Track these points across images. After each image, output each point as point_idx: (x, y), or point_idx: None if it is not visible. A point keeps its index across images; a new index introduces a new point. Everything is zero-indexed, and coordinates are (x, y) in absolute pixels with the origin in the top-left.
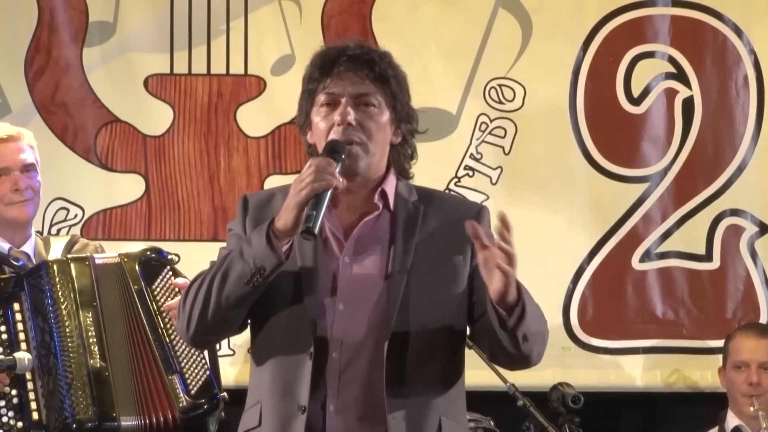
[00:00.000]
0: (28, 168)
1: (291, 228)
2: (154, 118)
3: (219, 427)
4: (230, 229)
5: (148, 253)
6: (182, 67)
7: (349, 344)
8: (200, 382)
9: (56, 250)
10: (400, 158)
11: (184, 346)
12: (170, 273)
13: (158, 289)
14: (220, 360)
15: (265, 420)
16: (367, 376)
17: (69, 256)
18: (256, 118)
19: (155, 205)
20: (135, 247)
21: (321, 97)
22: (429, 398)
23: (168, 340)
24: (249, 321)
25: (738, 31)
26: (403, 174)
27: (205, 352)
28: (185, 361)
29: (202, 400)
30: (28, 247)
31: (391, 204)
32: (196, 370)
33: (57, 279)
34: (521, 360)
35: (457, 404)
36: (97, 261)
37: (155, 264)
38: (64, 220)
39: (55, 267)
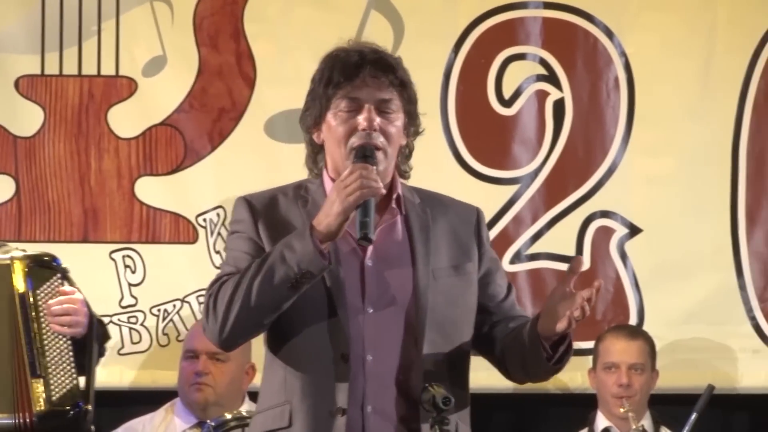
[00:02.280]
0: None
1: (335, 233)
2: (25, 119)
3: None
4: (235, 231)
5: (41, 258)
6: (53, 68)
7: (383, 347)
8: (64, 390)
9: None
10: (402, 159)
11: (54, 353)
12: (59, 281)
13: (42, 295)
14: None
15: (297, 421)
16: (402, 377)
17: None
18: (127, 120)
19: (25, 206)
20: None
21: (343, 102)
22: (453, 401)
23: (39, 345)
24: None
25: (609, 33)
26: (401, 173)
27: (73, 363)
28: (53, 368)
29: (63, 408)
30: None
31: (402, 207)
32: (62, 378)
33: None
34: (538, 380)
35: (466, 408)
36: None
37: (44, 270)
38: None
39: None
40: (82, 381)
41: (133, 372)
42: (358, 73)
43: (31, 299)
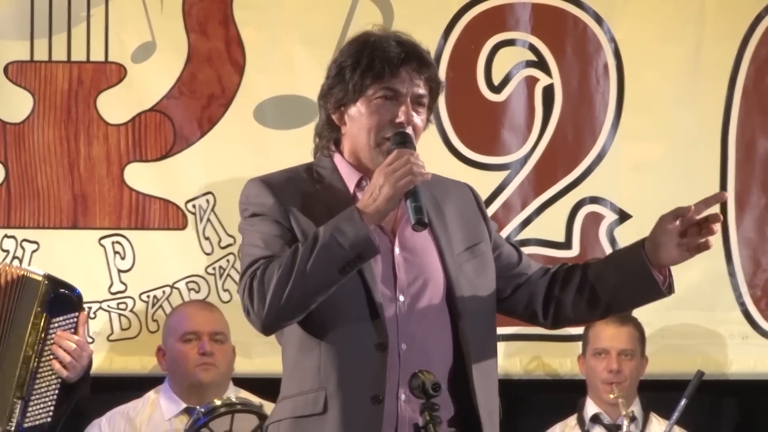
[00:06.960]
0: None
1: (383, 217)
2: (14, 105)
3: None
4: (257, 213)
5: (67, 291)
6: (42, 55)
7: (416, 335)
8: (36, 422)
9: None
10: None
11: (43, 384)
12: (75, 319)
13: (55, 324)
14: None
15: (333, 408)
16: (434, 365)
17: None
18: (117, 106)
19: (15, 192)
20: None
21: (379, 92)
22: (488, 386)
23: (33, 369)
24: None
25: (598, 19)
26: None
27: (54, 402)
28: (36, 397)
29: None
30: None
31: None
32: (40, 411)
33: None
34: (617, 312)
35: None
36: (25, 272)
37: (67, 302)
38: None
39: None
40: None
41: (122, 358)
42: (400, 67)
43: (44, 323)
